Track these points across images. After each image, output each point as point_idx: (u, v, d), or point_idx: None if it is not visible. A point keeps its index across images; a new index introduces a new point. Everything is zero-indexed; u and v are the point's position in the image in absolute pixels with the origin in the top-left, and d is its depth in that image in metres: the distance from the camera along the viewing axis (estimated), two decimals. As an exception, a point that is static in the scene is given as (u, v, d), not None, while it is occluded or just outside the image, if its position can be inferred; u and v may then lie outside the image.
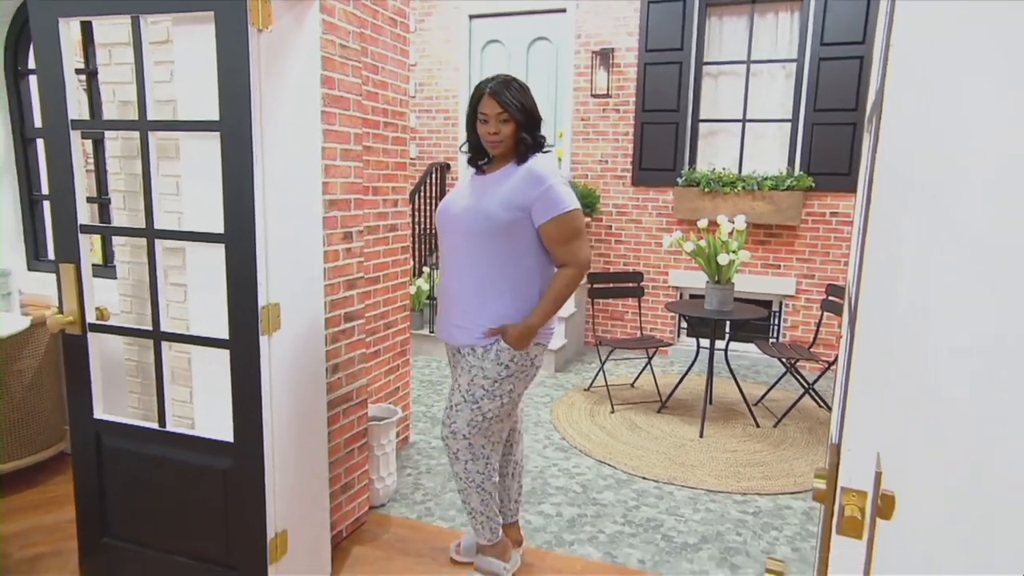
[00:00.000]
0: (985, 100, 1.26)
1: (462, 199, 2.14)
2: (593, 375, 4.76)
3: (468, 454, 2.16)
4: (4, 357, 2.81)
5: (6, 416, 2.84)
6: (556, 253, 2.09)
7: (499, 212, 2.02)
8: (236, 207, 1.89)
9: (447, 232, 2.16)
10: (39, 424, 2.97)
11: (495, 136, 2.02)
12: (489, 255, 2.06)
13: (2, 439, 2.84)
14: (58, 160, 2.07)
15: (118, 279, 2.68)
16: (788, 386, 4.58)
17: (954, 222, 1.32)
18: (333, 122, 2.29)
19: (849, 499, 0.65)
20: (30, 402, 2.92)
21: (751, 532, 2.80)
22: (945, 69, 1.34)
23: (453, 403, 2.16)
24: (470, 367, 2.11)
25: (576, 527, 2.78)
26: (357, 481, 2.64)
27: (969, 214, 1.33)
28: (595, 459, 3.46)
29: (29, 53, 3.36)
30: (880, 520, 0.69)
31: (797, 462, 3.49)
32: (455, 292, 2.14)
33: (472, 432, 2.13)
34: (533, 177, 2.03)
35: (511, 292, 2.08)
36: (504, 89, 1.99)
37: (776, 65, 5.29)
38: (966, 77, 1.24)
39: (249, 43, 1.80)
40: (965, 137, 1.29)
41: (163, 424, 2.13)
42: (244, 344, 1.95)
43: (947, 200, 1.34)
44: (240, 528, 2.06)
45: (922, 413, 1.43)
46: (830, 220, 5.16)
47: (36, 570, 2.39)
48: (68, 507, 2.66)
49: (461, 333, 2.12)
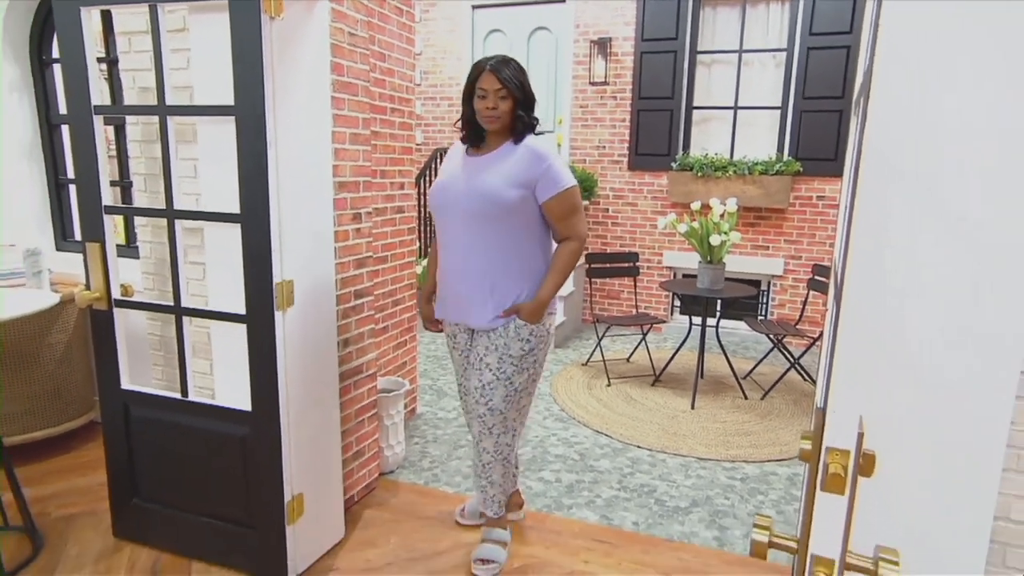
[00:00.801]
0: (966, 84, 1.25)
1: (458, 180, 2.05)
2: (590, 351, 4.77)
3: (501, 428, 2.15)
4: (37, 332, 2.82)
5: (41, 387, 2.86)
6: (558, 228, 2.07)
7: (505, 190, 1.97)
8: (251, 188, 1.88)
9: (447, 213, 2.06)
10: (71, 395, 2.99)
11: (493, 111, 1.94)
12: (496, 234, 2.01)
13: (38, 408, 2.86)
14: (82, 144, 2.06)
15: (141, 258, 2.68)
16: (775, 361, 4.59)
17: (935, 199, 1.31)
18: (342, 107, 2.27)
19: (833, 458, 0.65)
20: (61, 374, 2.93)
21: (738, 496, 2.82)
22: (929, 54, 1.32)
23: (484, 382, 2.09)
24: (495, 347, 2.07)
25: (574, 492, 2.80)
26: (368, 449, 2.66)
27: (950, 192, 1.32)
28: (592, 429, 3.48)
29: (53, 42, 3.33)
30: (861, 478, 0.70)
31: (782, 432, 3.50)
32: (463, 273, 2.06)
33: (507, 407, 2.12)
34: (534, 155, 1.99)
35: (519, 268, 2.05)
36: (503, 66, 1.94)
37: (767, 54, 5.24)
38: (949, 62, 1.22)
39: (262, 31, 1.78)
40: (946, 119, 1.28)
41: (185, 394, 2.15)
42: (260, 319, 1.96)
43: (928, 179, 1.33)
44: (259, 491, 2.08)
45: (900, 380, 1.44)
46: (816, 203, 5.14)
47: (72, 528, 2.42)
48: (100, 471, 2.69)
49: (478, 315, 2.06)
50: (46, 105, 3.42)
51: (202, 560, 2.23)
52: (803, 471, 3.12)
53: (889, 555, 0.66)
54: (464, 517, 2.50)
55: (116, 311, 2.16)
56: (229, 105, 1.86)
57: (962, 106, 1.29)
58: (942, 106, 1.30)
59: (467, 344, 2.20)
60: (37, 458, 2.91)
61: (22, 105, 3.36)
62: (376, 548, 2.34)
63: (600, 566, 2.28)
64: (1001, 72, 1.26)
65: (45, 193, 3.47)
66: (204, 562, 2.23)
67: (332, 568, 2.22)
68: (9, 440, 2.76)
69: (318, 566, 2.22)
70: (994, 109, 1.27)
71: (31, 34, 3.34)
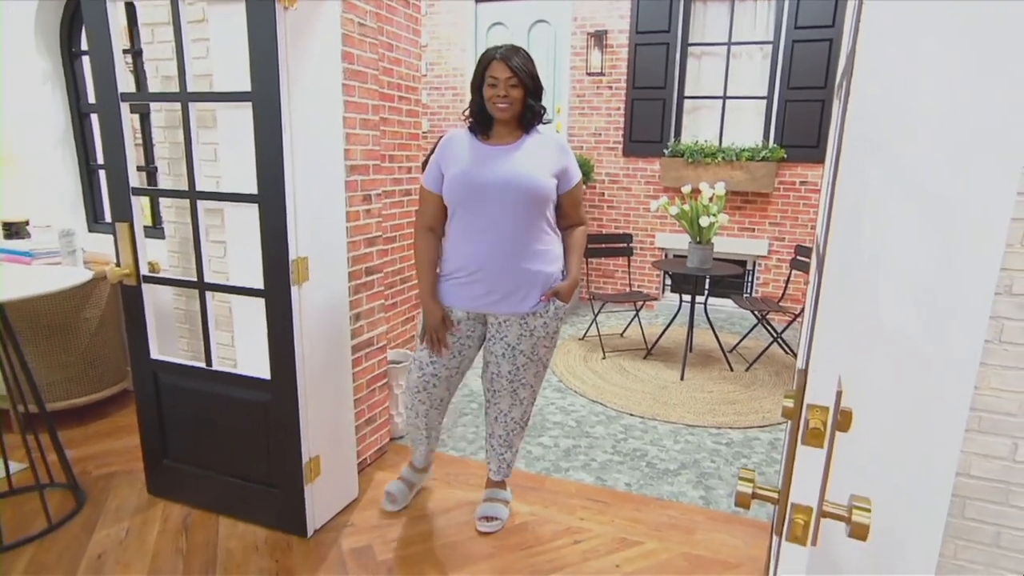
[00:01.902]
0: (938, 69, 1.23)
1: (488, 169, 1.89)
2: (587, 326, 4.77)
3: (530, 399, 2.15)
4: (74, 306, 2.83)
5: (78, 357, 2.88)
6: (572, 214, 2.05)
7: (547, 180, 1.90)
8: (268, 170, 1.87)
9: (479, 201, 1.89)
10: (105, 365, 3.00)
11: (504, 99, 1.85)
12: (533, 222, 1.92)
13: (76, 377, 2.88)
14: (111, 130, 2.05)
15: (166, 238, 2.67)
16: (759, 335, 4.58)
17: (907, 176, 1.30)
18: (353, 94, 2.24)
19: (814, 414, 0.65)
20: (96, 346, 2.94)
21: (723, 459, 2.83)
22: (905, 40, 1.30)
23: (519, 365, 2.04)
24: (530, 331, 2.00)
25: (571, 456, 2.82)
26: (379, 416, 2.67)
27: (921, 169, 1.30)
28: (588, 398, 3.49)
29: (81, 35, 3.29)
30: (839, 433, 0.69)
31: (765, 401, 3.51)
32: (505, 263, 1.92)
33: (537, 380, 2.13)
34: (560, 147, 1.97)
35: (545, 252, 1.98)
36: (513, 55, 1.86)
37: (754, 47, 5.15)
38: (923, 48, 1.20)
39: (277, 20, 1.75)
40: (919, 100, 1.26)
41: (209, 364, 2.15)
42: (277, 293, 1.95)
43: (902, 156, 1.31)
44: (279, 453, 2.10)
45: (876, 345, 1.43)
46: (799, 188, 5.09)
47: (111, 485, 2.45)
48: (133, 434, 2.71)
49: (523, 302, 1.96)
50: (76, 95, 3.38)
51: (228, 515, 2.26)
52: (783, 435, 3.13)
53: (862, 503, 0.66)
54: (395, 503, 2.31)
55: (144, 286, 2.16)
56: (246, 91, 1.84)
57: (934, 88, 1.27)
58: (917, 88, 1.28)
59: (470, 331, 2.06)
60: (77, 423, 2.93)
61: (54, 96, 3.33)
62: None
63: (595, 523, 2.29)
64: (971, 59, 1.24)
65: (77, 178, 3.46)
66: (230, 517, 2.25)
67: (347, 524, 2.24)
68: (52, 405, 2.78)
69: (334, 522, 2.24)
70: (963, 93, 1.26)
71: (61, 28, 3.30)
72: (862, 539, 0.63)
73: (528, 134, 1.95)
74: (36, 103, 3.26)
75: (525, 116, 1.92)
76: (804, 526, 0.63)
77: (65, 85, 3.37)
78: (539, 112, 1.93)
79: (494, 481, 2.33)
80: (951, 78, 1.30)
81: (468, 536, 2.19)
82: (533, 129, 1.96)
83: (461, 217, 1.96)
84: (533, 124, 1.95)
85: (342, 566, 2.02)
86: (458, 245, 1.98)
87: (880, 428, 1.48)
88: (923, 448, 1.42)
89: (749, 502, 0.73)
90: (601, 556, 2.10)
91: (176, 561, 2.03)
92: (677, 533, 2.24)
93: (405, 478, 2.36)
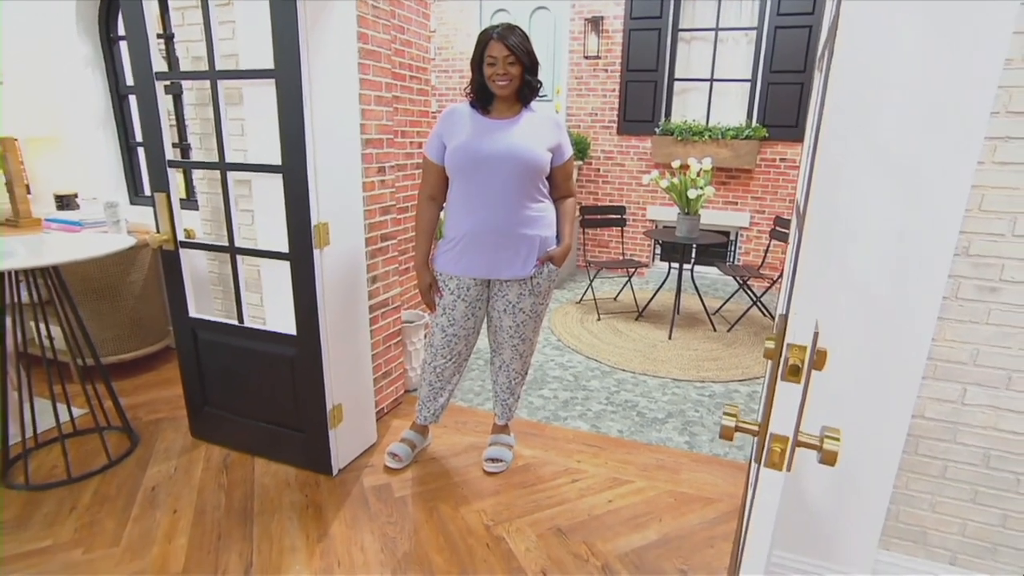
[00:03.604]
0: (907, 45, 1.18)
1: (488, 141, 1.84)
2: (583, 291, 4.76)
3: (529, 351, 2.15)
4: (121, 270, 2.83)
5: (126, 317, 2.89)
6: (564, 186, 2.00)
7: (544, 153, 1.87)
8: (290, 143, 1.83)
9: (479, 171, 1.85)
10: (149, 325, 3.01)
11: (504, 76, 1.80)
12: (529, 192, 1.88)
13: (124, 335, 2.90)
14: (147, 107, 2.01)
15: (199, 208, 2.65)
16: (740, 299, 4.57)
17: (876, 140, 1.26)
18: (367, 72, 2.19)
19: (793, 352, 0.63)
20: (141, 307, 2.95)
21: (706, 409, 2.84)
22: (879, 19, 1.24)
23: (519, 322, 2.03)
24: (528, 291, 1.99)
25: (569, 406, 2.83)
26: (394, 370, 2.67)
27: (887, 134, 1.26)
28: (584, 355, 3.49)
29: (119, 21, 3.22)
30: (814, 371, 0.68)
31: (744, 357, 3.51)
32: (503, 230, 1.89)
33: (535, 334, 2.12)
34: (555, 124, 1.92)
35: (539, 218, 1.94)
36: (510, 34, 1.79)
37: (739, 32, 5.01)
38: (895, 24, 1.15)
39: (297, 2, 1.69)
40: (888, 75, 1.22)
41: (241, 321, 2.15)
42: (301, 256, 1.94)
43: (873, 123, 1.27)
44: (305, 401, 2.11)
45: (848, 294, 1.41)
46: (779, 165, 5.00)
47: (159, 429, 2.48)
48: (177, 385, 2.75)
49: (521, 266, 1.94)
50: (115, 78, 3.32)
51: (262, 456, 2.29)
52: (761, 388, 3.14)
53: (832, 433, 0.65)
54: (398, 462, 2.25)
55: (182, 251, 2.14)
56: (270, 69, 1.80)
57: (905, 65, 1.23)
58: (889, 64, 1.23)
59: (479, 299, 2.03)
60: (127, 375, 2.96)
61: (95, 79, 3.27)
62: (404, 448, 2.38)
63: (590, 464, 2.31)
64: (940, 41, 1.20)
65: (118, 155, 3.42)
66: (264, 458, 2.28)
67: (367, 465, 2.27)
68: (105, 360, 2.80)
69: (356, 463, 2.27)
70: (931, 70, 1.22)
71: (99, 15, 3.22)
72: (831, 465, 0.62)
73: (526, 109, 1.91)
74: (80, 86, 3.20)
75: (523, 91, 1.87)
76: (781, 453, 0.63)
77: (104, 69, 3.30)
78: (536, 87, 1.88)
79: (499, 426, 2.34)
80: (921, 57, 1.27)
81: (476, 476, 2.22)
82: (530, 105, 1.92)
83: (462, 186, 1.90)
84: (531, 98, 1.90)
85: (364, 501, 2.05)
86: (459, 212, 1.93)
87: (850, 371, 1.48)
88: (886, 391, 1.42)
89: (732, 434, 0.72)
90: (595, 493, 2.13)
91: (219, 495, 2.07)
92: (663, 473, 2.26)
93: (407, 439, 2.29)
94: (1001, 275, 1.39)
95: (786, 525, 1.65)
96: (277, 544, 1.84)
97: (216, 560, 1.77)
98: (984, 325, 1.43)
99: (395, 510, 2.01)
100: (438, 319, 2.07)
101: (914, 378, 1.40)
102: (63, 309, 2.15)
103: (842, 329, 1.36)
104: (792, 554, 1.67)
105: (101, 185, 3.32)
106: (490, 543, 1.86)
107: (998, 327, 1.43)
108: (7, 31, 3.18)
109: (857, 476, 1.53)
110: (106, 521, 1.92)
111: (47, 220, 3.00)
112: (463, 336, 2.08)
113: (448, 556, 1.80)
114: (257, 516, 1.96)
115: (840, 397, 1.43)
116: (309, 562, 1.76)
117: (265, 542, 1.85)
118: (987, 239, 1.39)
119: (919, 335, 1.36)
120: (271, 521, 1.94)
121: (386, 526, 1.93)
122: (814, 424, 0.71)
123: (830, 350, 0.72)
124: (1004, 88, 1.30)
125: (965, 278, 1.42)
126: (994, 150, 1.34)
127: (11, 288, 2.03)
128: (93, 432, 2.35)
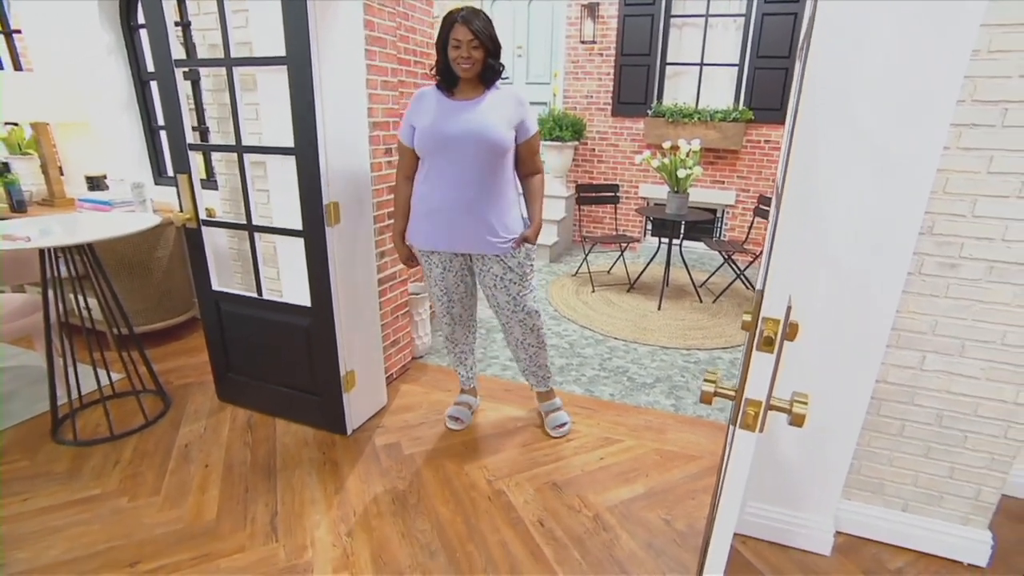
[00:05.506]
0: (875, 35, 1.14)
1: (453, 122, 1.77)
2: (578, 264, 4.75)
3: (537, 318, 2.08)
4: (148, 247, 2.82)
5: (155, 290, 2.90)
6: (530, 163, 1.91)
7: (507, 131, 1.80)
8: (302, 126, 1.80)
9: (448, 152, 1.79)
10: (176, 298, 3.02)
11: (468, 60, 1.71)
12: (494, 170, 1.81)
13: (153, 307, 2.91)
14: (168, 92, 1.97)
15: (219, 188, 2.63)
16: (725, 273, 4.55)
17: (851, 124, 1.23)
18: (374, 58, 2.14)
19: (768, 325, 0.63)
20: (167, 281, 2.95)
21: (691, 375, 2.86)
22: (854, 10, 1.20)
23: (513, 294, 1.98)
24: (510, 267, 1.94)
25: (565, 372, 2.85)
26: (403, 339, 2.69)
27: (860, 119, 1.24)
28: (579, 325, 3.50)
29: (138, 10, 3.13)
30: (787, 342, 0.68)
31: (728, 327, 3.51)
32: (470, 206, 1.83)
33: (533, 302, 2.05)
34: (518, 101, 1.82)
35: (508, 199, 1.88)
36: (474, 18, 1.69)
37: (728, 19, 4.87)
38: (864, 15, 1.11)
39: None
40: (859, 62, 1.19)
41: (260, 294, 2.15)
42: (314, 233, 1.93)
43: (848, 109, 1.24)
44: (321, 367, 2.13)
45: (820, 270, 1.40)
46: (764, 146, 4.92)
47: (188, 393, 2.51)
48: (203, 353, 2.78)
49: (495, 244, 1.89)
50: (136, 64, 3.26)
51: (282, 417, 2.32)
52: (742, 355, 3.15)
53: (801, 398, 0.65)
54: (459, 423, 2.29)
55: (203, 229, 2.14)
56: (281, 56, 1.76)
57: (879, 53, 1.20)
58: (864, 51, 1.20)
59: (465, 269, 2.02)
60: (157, 344, 2.99)
61: (118, 66, 3.20)
62: (411, 412, 2.41)
63: (584, 425, 2.34)
64: (911, 32, 1.16)
65: (142, 138, 3.37)
66: (284, 419, 2.31)
67: (379, 425, 2.30)
68: (138, 329, 2.82)
69: (368, 424, 2.30)
70: (903, 59, 1.19)
71: (120, 4, 3.14)
72: (799, 426, 0.62)
73: (489, 89, 1.82)
74: (104, 73, 3.15)
75: (486, 74, 1.78)
76: (755, 416, 0.63)
77: (127, 56, 3.24)
78: (498, 70, 1.79)
79: (543, 393, 2.29)
80: (894, 48, 1.23)
81: (479, 436, 2.25)
82: (494, 85, 1.82)
83: (430, 165, 1.84)
84: (493, 81, 1.81)
85: (376, 458, 2.09)
86: (426, 190, 1.87)
87: (821, 340, 1.49)
88: (853, 359, 1.43)
89: (711, 399, 0.72)
90: (588, 451, 2.16)
91: (244, 452, 2.10)
92: (651, 433, 2.29)
93: (462, 402, 2.33)
94: (960, 252, 1.40)
95: (759, 479, 1.68)
96: (299, 496, 1.88)
97: (245, 509, 1.81)
98: (943, 298, 1.45)
99: (404, 467, 2.04)
100: (431, 290, 2.08)
101: (879, 347, 1.41)
102: (98, 283, 2.16)
103: (815, 302, 1.36)
104: (764, 504, 1.71)
105: (127, 166, 3.29)
106: (491, 496, 1.90)
107: (955, 300, 1.44)
108: (35, 24, 3.11)
109: (824, 436, 1.56)
110: (147, 473, 1.97)
111: (80, 200, 2.98)
112: (457, 300, 2.08)
113: (453, 507, 1.84)
114: (280, 471, 2.00)
115: (811, 364, 1.44)
116: (328, 512, 1.81)
117: (288, 494, 1.89)
118: (949, 219, 1.39)
119: (885, 308, 1.37)
120: (292, 476, 1.98)
121: (396, 481, 1.97)
122: (786, 390, 0.72)
123: (802, 322, 0.72)
124: (970, 78, 1.29)
125: (928, 255, 1.43)
126: (959, 136, 1.33)
127: (51, 264, 2.04)
128: (130, 395, 2.39)
